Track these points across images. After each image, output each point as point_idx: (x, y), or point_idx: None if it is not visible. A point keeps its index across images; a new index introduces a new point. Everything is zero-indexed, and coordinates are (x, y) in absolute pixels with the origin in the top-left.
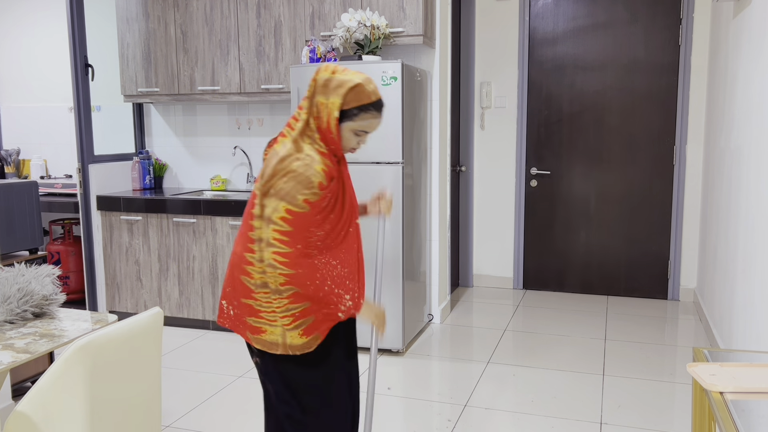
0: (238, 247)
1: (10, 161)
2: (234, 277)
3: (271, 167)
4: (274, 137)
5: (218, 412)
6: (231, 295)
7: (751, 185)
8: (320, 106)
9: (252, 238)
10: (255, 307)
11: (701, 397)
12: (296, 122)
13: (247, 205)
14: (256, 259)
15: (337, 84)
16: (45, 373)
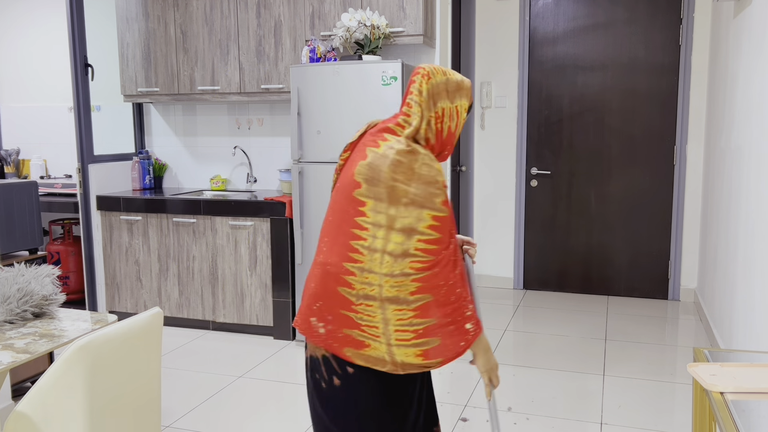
0: (333, 258)
1: (10, 161)
2: (328, 289)
3: (387, 173)
4: (352, 141)
5: (218, 412)
6: (324, 309)
7: (751, 185)
8: (448, 111)
9: (356, 247)
10: (356, 320)
11: (701, 397)
12: (404, 128)
13: (337, 211)
14: (361, 269)
15: (457, 86)
16: (45, 373)
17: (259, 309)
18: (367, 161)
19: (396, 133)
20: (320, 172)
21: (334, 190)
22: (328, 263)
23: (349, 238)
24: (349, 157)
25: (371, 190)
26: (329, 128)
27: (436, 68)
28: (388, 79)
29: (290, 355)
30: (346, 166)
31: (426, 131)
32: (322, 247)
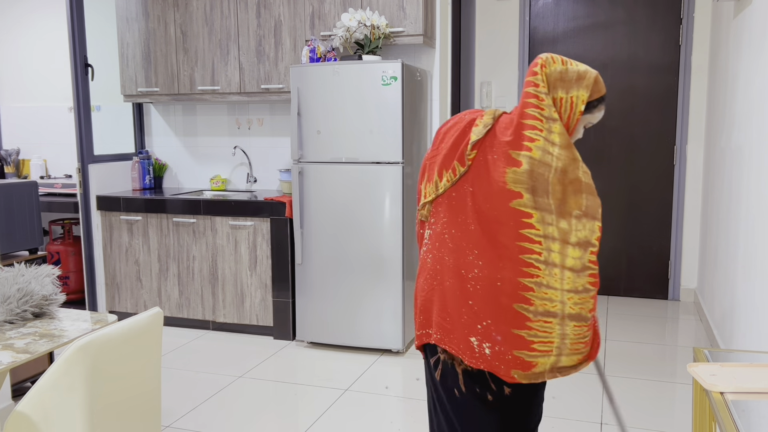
0: (504, 273)
1: (10, 161)
2: (501, 306)
3: (555, 184)
4: (479, 138)
5: (218, 412)
6: (492, 328)
7: (751, 185)
8: (561, 102)
9: (530, 261)
10: (527, 338)
11: (701, 397)
12: (542, 121)
13: (488, 221)
14: (538, 284)
15: (577, 76)
16: (45, 373)
17: (259, 309)
18: (525, 169)
19: (538, 128)
20: (320, 172)
21: (465, 196)
22: (498, 279)
23: (517, 252)
24: (481, 159)
25: (537, 201)
26: (329, 128)
27: (554, 57)
28: (388, 79)
29: (290, 355)
30: (481, 171)
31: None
32: (470, 257)
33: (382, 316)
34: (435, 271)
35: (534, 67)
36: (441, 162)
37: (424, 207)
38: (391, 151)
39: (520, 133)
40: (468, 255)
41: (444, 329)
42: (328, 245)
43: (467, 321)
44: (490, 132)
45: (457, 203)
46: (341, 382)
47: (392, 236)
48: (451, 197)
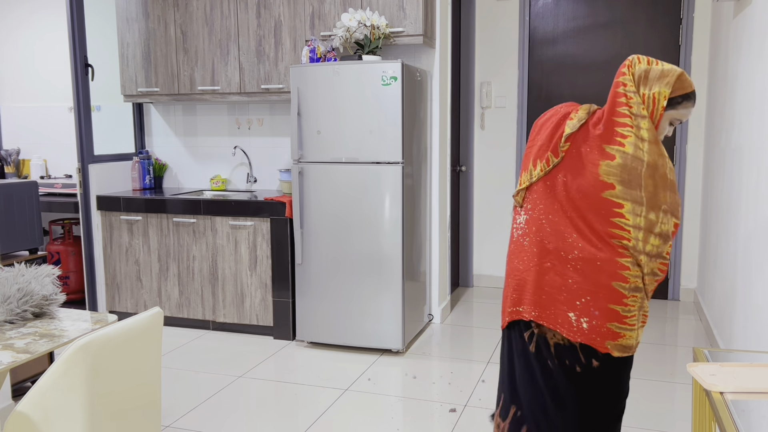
0: (603, 254)
1: (10, 161)
2: (600, 284)
3: (646, 178)
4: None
5: (218, 412)
6: (591, 304)
7: (751, 185)
8: (644, 98)
9: (622, 244)
10: (622, 313)
11: (701, 397)
12: (631, 118)
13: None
14: (633, 264)
15: (660, 74)
16: (45, 373)
17: (259, 309)
18: (618, 162)
19: (629, 125)
20: (320, 172)
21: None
22: (597, 259)
23: (610, 237)
24: (574, 151)
25: (628, 192)
26: (329, 128)
27: (641, 57)
28: (388, 79)
29: (290, 355)
30: (574, 162)
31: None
32: (569, 239)
33: (382, 316)
34: (533, 253)
35: (622, 68)
36: (536, 152)
37: (518, 194)
38: (391, 151)
39: (612, 128)
40: (567, 238)
41: (541, 306)
42: (328, 245)
43: (566, 298)
44: (584, 126)
45: (552, 191)
46: (341, 382)
47: (392, 236)
48: (545, 185)
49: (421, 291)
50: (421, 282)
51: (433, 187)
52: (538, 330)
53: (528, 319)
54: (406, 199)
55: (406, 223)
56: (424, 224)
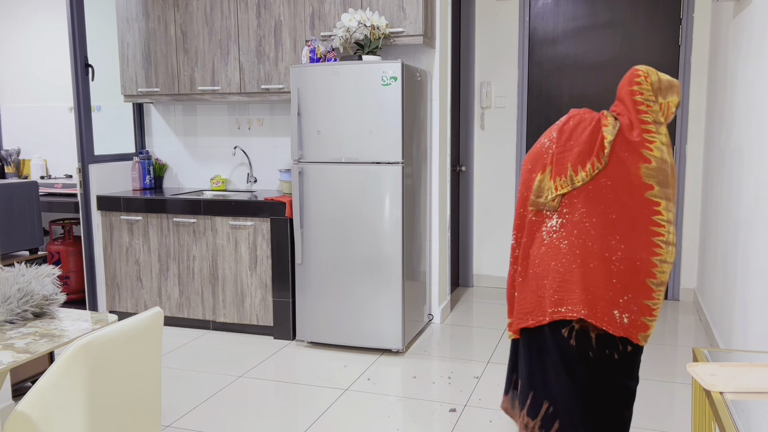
0: (640, 253)
1: (10, 161)
2: (638, 282)
3: (672, 178)
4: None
5: (218, 412)
6: (631, 301)
7: (750, 185)
8: (660, 107)
9: (658, 243)
10: (651, 306)
11: (701, 397)
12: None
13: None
14: (662, 261)
15: (669, 85)
16: (45, 373)
17: (259, 309)
18: (654, 165)
19: (653, 131)
20: (320, 172)
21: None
22: (637, 259)
23: (650, 235)
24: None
25: (663, 191)
26: (329, 128)
27: (650, 69)
28: (388, 79)
29: (290, 354)
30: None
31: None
32: (612, 242)
33: (381, 316)
34: (575, 255)
35: (636, 78)
36: (575, 158)
37: (555, 199)
38: (390, 151)
39: (642, 135)
40: (611, 240)
41: (588, 305)
42: (328, 245)
43: (612, 297)
44: (619, 132)
45: (595, 195)
46: (341, 382)
47: (392, 236)
48: (588, 190)
49: (421, 291)
50: (421, 282)
51: (433, 187)
52: (579, 325)
53: (576, 317)
54: (406, 199)
55: (406, 223)
56: (424, 224)
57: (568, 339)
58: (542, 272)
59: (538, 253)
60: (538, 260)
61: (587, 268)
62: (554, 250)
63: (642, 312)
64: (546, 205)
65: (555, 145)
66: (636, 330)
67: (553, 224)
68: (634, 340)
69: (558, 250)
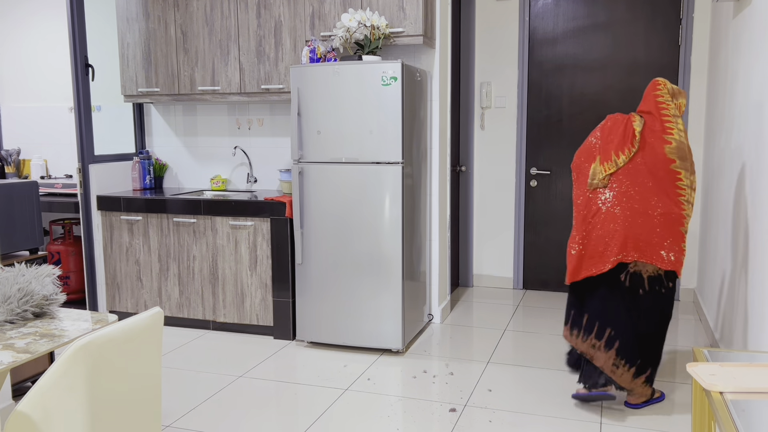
0: (674, 208)
1: (11, 161)
2: (674, 230)
3: (688, 153)
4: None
5: (218, 412)
6: (672, 243)
7: (750, 185)
8: (680, 105)
9: (682, 201)
10: (683, 247)
11: (701, 397)
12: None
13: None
14: (687, 214)
15: (678, 91)
16: (45, 373)
17: (259, 309)
18: (674, 146)
19: (672, 122)
20: (320, 172)
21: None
22: (671, 212)
23: (676, 196)
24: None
25: (683, 164)
26: (329, 128)
27: (665, 80)
28: (388, 79)
29: (290, 354)
30: (646, 149)
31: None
32: (654, 200)
33: (382, 316)
34: (626, 216)
35: (658, 85)
36: (615, 147)
37: (605, 178)
38: (391, 151)
39: (664, 125)
40: (651, 201)
41: (641, 250)
42: (328, 245)
43: (658, 242)
44: (645, 125)
45: (634, 171)
46: (341, 382)
47: (392, 236)
48: (628, 168)
49: (421, 291)
50: (421, 282)
51: (433, 187)
52: (634, 268)
53: (631, 261)
54: (406, 199)
55: (406, 223)
56: (424, 224)
57: (624, 281)
58: (604, 233)
59: (598, 220)
60: (600, 225)
61: (636, 223)
62: (611, 215)
63: (680, 251)
64: (599, 184)
65: (599, 141)
66: (679, 264)
67: (607, 197)
68: (679, 272)
69: (614, 214)
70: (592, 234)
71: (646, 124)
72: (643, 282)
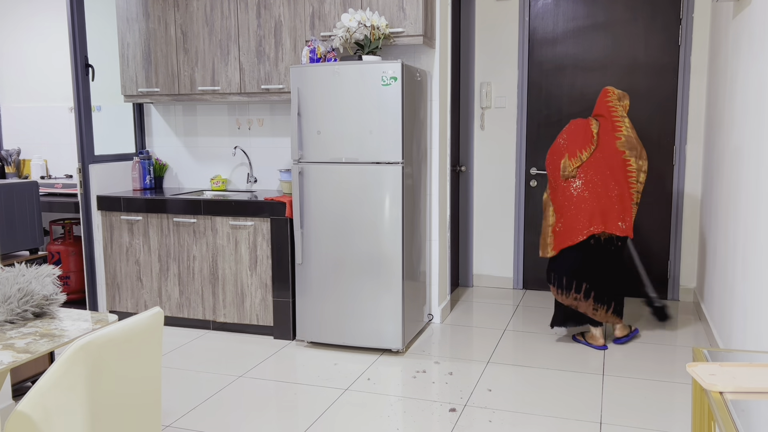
0: (626, 189)
1: (11, 161)
2: (626, 206)
3: (636, 142)
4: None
5: (218, 412)
6: (626, 216)
7: (750, 185)
8: (626, 107)
9: (632, 182)
10: (632, 215)
11: (701, 397)
12: (620, 120)
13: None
14: (636, 192)
15: (622, 94)
16: (45, 373)
17: (260, 309)
18: (624, 140)
19: (620, 121)
20: (320, 172)
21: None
22: (625, 192)
23: (627, 179)
24: (600, 140)
25: (631, 153)
26: (329, 128)
27: (612, 87)
28: (388, 79)
29: (290, 354)
30: (602, 145)
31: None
32: (611, 184)
33: (382, 316)
34: (593, 198)
35: (608, 94)
36: (580, 146)
37: (573, 170)
38: (390, 151)
39: (614, 124)
40: (609, 184)
41: (605, 223)
42: (328, 245)
43: (615, 216)
44: (600, 126)
45: (596, 163)
46: (341, 382)
47: (392, 236)
48: (591, 161)
49: (421, 291)
50: (421, 282)
51: (433, 187)
52: (602, 235)
53: (600, 231)
54: (406, 199)
55: (406, 223)
56: (424, 224)
57: (594, 246)
58: (577, 212)
59: (571, 203)
60: (573, 206)
61: (601, 203)
62: (581, 198)
63: (630, 220)
64: (569, 174)
65: (566, 141)
66: (630, 230)
67: (577, 185)
68: (631, 235)
69: (584, 197)
70: (567, 214)
71: (600, 126)
72: (607, 244)
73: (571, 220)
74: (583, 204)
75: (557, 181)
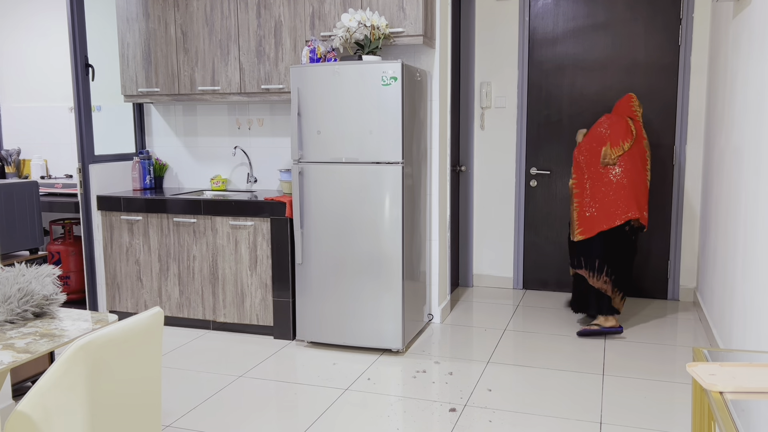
0: (643, 175)
1: (11, 161)
2: (647, 197)
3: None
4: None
5: (218, 412)
6: (646, 205)
7: (750, 185)
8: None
9: (648, 176)
10: (646, 204)
11: (701, 397)
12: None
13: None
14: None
15: (639, 103)
16: (45, 373)
17: (259, 309)
18: (647, 142)
19: (642, 126)
20: (320, 172)
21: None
22: (647, 184)
23: (647, 173)
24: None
25: (648, 152)
26: (329, 128)
27: (634, 95)
28: (388, 79)
29: (290, 354)
30: (637, 141)
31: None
32: (643, 177)
33: (382, 316)
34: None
35: (632, 99)
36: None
37: (615, 158)
38: (391, 151)
39: (641, 127)
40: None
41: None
42: (328, 245)
43: (643, 204)
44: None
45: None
46: (341, 382)
47: (392, 236)
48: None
49: (421, 291)
50: (421, 282)
51: (433, 187)
52: (635, 222)
53: (635, 217)
54: (406, 199)
55: (406, 223)
56: (424, 224)
57: (627, 232)
58: (616, 197)
59: (610, 188)
60: (612, 192)
61: (637, 190)
62: (621, 185)
63: (645, 208)
64: (611, 162)
65: (608, 130)
66: (645, 219)
67: (617, 171)
68: (647, 225)
69: (623, 184)
70: (605, 199)
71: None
72: (633, 229)
73: (609, 206)
74: (622, 191)
75: (594, 168)
